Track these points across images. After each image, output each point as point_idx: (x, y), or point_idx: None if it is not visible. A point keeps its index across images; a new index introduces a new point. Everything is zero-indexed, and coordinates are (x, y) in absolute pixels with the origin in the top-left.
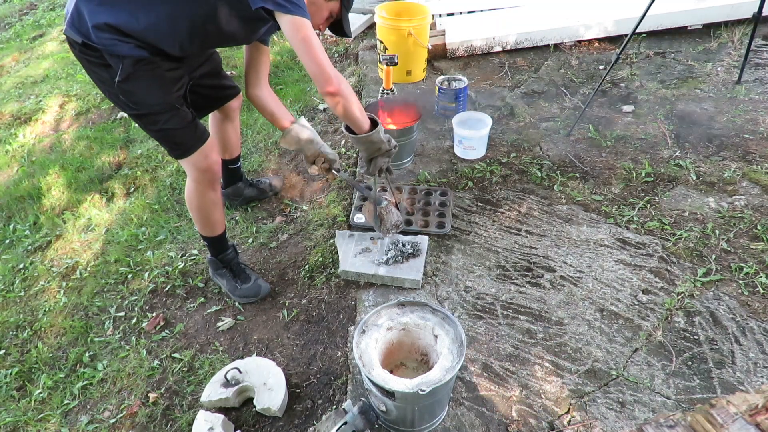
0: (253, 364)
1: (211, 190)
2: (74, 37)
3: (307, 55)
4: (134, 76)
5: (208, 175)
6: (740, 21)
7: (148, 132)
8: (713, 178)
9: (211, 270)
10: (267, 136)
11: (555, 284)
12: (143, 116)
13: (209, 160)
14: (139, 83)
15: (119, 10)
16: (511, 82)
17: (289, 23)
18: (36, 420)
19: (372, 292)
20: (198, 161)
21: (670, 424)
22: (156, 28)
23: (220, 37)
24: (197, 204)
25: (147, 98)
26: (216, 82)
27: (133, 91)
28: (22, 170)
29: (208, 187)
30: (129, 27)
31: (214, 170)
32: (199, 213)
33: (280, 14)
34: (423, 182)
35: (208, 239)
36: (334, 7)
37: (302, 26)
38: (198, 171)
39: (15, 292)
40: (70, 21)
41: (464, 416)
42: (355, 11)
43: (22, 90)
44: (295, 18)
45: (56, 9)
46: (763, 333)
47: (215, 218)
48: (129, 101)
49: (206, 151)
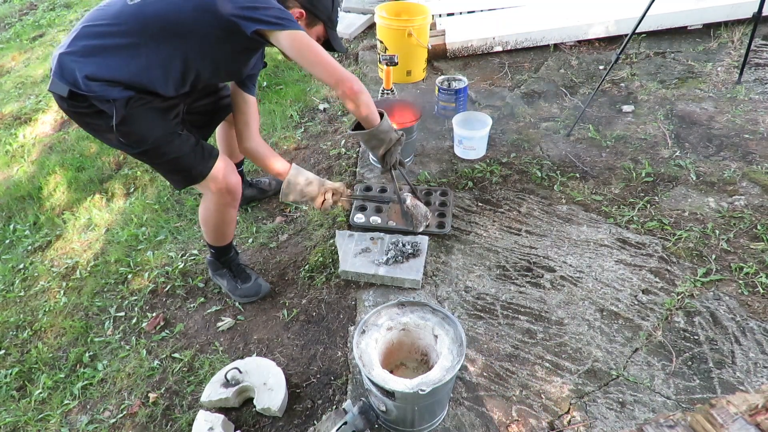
0: (253, 364)
1: (231, 208)
2: (60, 90)
3: (315, 64)
4: (130, 117)
5: (227, 197)
6: (740, 21)
7: (157, 167)
8: (713, 178)
9: (211, 270)
10: (267, 136)
11: (555, 284)
12: (147, 152)
13: (228, 180)
14: (136, 122)
15: (109, 60)
16: (511, 82)
17: (288, 38)
18: (36, 420)
19: (372, 292)
20: (215, 182)
21: (670, 424)
22: (148, 73)
23: (213, 74)
24: (214, 222)
25: (148, 134)
26: (213, 99)
27: (132, 131)
28: (22, 170)
29: (229, 206)
30: (120, 76)
31: (234, 191)
32: (215, 229)
33: (277, 33)
34: (423, 182)
35: (215, 247)
36: (319, 31)
37: (301, 37)
38: (218, 193)
39: (15, 292)
40: (56, 74)
41: (464, 416)
42: (355, 11)
43: (22, 90)
44: (292, 32)
45: (56, 9)
46: (763, 333)
47: (229, 232)
48: (130, 142)
49: (222, 171)
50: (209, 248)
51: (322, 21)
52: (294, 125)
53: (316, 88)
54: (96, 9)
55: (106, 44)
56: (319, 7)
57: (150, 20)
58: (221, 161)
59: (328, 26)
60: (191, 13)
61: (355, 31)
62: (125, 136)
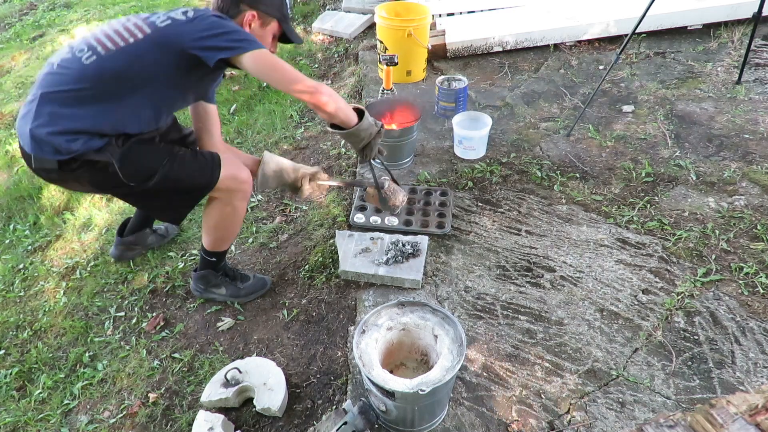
0: (253, 364)
1: (246, 204)
2: (48, 164)
3: (281, 80)
4: (127, 153)
5: (240, 194)
6: (740, 21)
7: (175, 198)
8: (713, 178)
9: (203, 287)
10: (267, 136)
11: (555, 284)
12: (161, 182)
13: (240, 176)
14: (135, 156)
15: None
16: (511, 82)
17: (250, 60)
18: (36, 420)
19: (372, 292)
20: (228, 181)
21: (670, 424)
22: (122, 122)
23: (183, 102)
24: (228, 223)
25: (153, 162)
26: (179, 135)
27: (136, 166)
28: (22, 170)
29: (245, 200)
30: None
31: (248, 181)
32: (226, 229)
33: (239, 57)
34: (423, 182)
35: (218, 254)
36: (274, 28)
37: (263, 56)
38: (232, 192)
39: (15, 292)
40: (34, 150)
41: (464, 416)
42: (355, 11)
43: (22, 90)
44: (254, 52)
45: (56, 9)
46: (763, 333)
47: (237, 229)
48: (141, 177)
49: (230, 170)
50: (208, 259)
51: (275, 17)
52: (294, 125)
53: None
54: (50, 73)
55: (74, 110)
56: (268, 3)
57: (113, 78)
58: (228, 161)
59: (282, 21)
60: (152, 57)
61: (355, 31)
62: (133, 174)
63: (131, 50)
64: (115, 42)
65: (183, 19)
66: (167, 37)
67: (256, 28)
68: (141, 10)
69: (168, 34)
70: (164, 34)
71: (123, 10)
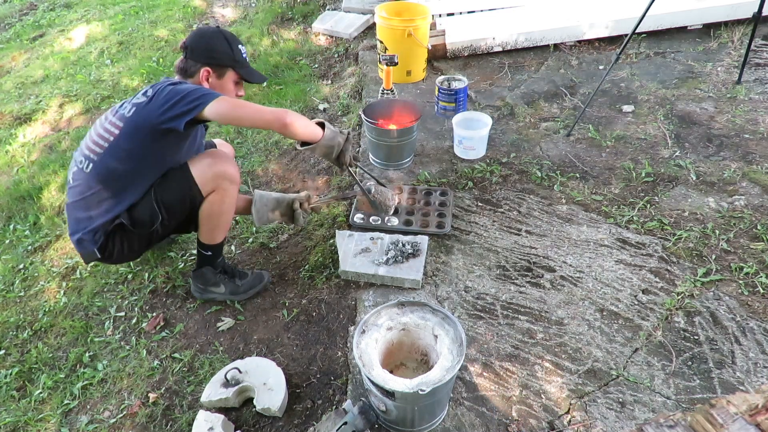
0: (253, 364)
1: (234, 190)
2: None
3: (245, 116)
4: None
5: (221, 180)
6: (740, 21)
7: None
8: (713, 178)
9: (202, 287)
10: (267, 136)
11: (555, 284)
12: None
13: (215, 161)
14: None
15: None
16: (511, 82)
17: (211, 111)
18: (36, 420)
19: (372, 292)
20: (205, 173)
21: (670, 424)
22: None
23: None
24: (221, 209)
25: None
26: None
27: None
28: (22, 170)
29: (231, 186)
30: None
31: (231, 173)
32: (221, 219)
33: (201, 113)
34: (423, 182)
35: (214, 247)
36: (231, 75)
37: (222, 102)
38: (215, 179)
39: (15, 292)
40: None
41: (464, 416)
42: (355, 11)
43: (22, 90)
44: (212, 103)
45: (56, 9)
46: (763, 333)
47: (231, 219)
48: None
49: (203, 162)
50: (204, 253)
51: (228, 66)
52: None
53: (316, 88)
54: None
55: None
56: (218, 56)
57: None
58: (196, 158)
59: (236, 68)
60: (132, 144)
61: (355, 31)
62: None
63: (115, 146)
64: (101, 145)
65: (144, 101)
66: (137, 123)
67: (213, 81)
68: (141, 11)
69: (137, 121)
70: (134, 121)
71: (123, 10)
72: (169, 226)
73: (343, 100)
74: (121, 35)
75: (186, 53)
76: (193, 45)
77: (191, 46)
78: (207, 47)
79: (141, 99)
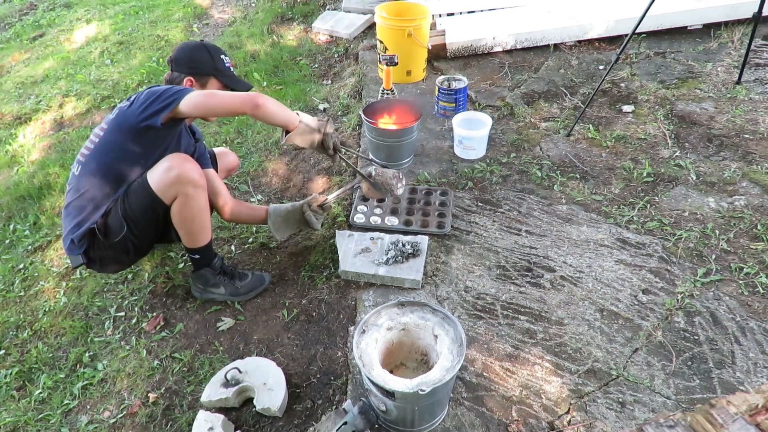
0: (253, 364)
1: (199, 193)
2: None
3: (219, 104)
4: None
5: (189, 186)
6: (740, 21)
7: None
8: (713, 178)
9: (201, 287)
10: (267, 136)
11: (555, 284)
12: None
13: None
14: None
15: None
16: (511, 82)
17: (185, 106)
18: (36, 420)
19: (372, 292)
20: (162, 179)
21: (670, 424)
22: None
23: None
24: (191, 213)
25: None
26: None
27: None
28: (22, 170)
29: (195, 190)
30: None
31: (192, 175)
32: (195, 223)
33: (176, 108)
34: (423, 182)
35: (200, 250)
36: (214, 83)
37: (193, 98)
38: (175, 185)
39: (15, 292)
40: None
41: (464, 416)
42: (355, 11)
43: (22, 90)
44: (185, 98)
45: (56, 9)
46: (763, 333)
47: (209, 221)
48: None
49: (158, 170)
50: (193, 257)
51: (209, 75)
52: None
53: (316, 88)
54: (67, 192)
55: (80, 217)
56: (199, 66)
57: (97, 171)
58: (155, 167)
59: (218, 76)
60: (116, 142)
61: (355, 31)
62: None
63: (100, 145)
64: (89, 148)
65: (126, 105)
66: (119, 124)
67: (197, 89)
68: (141, 10)
69: (119, 122)
70: (117, 122)
71: (123, 9)
72: (143, 236)
73: (343, 100)
74: (121, 35)
75: (172, 66)
76: (177, 57)
77: (176, 58)
78: (189, 58)
79: (124, 104)
